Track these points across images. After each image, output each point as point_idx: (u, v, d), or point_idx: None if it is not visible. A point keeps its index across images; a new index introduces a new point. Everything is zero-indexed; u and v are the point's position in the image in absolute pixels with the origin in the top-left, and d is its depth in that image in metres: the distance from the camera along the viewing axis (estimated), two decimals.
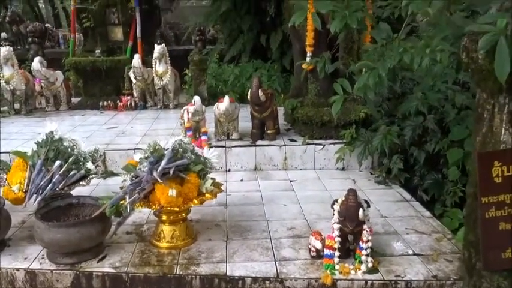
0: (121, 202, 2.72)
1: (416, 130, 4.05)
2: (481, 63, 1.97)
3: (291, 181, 4.18)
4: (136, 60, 6.03)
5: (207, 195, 2.83)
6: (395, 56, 2.31)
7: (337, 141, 4.51)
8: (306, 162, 4.50)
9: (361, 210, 2.51)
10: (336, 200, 2.68)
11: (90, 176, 3.33)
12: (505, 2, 1.99)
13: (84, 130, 5.19)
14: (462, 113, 3.96)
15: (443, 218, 3.64)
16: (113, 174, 3.72)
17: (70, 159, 3.28)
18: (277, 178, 4.26)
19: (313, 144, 4.48)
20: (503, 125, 2.03)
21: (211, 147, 4.39)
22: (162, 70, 6.13)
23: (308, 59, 4.58)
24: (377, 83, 2.30)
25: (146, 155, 2.89)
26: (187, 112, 4.39)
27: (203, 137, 4.40)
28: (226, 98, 4.36)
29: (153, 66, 6.21)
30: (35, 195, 3.03)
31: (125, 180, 2.97)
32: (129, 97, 6.34)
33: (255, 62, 7.38)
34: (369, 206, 2.68)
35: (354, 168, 4.50)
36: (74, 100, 6.81)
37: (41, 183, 3.08)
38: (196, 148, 3.08)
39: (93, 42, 7.86)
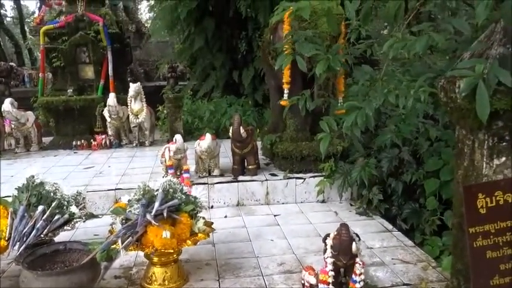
0: (113, 246, 2.68)
1: (393, 162, 4.24)
2: (460, 102, 2.14)
3: (274, 215, 4.23)
4: (112, 99, 6.02)
5: (199, 235, 2.83)
6: (380, 96, 2.46)
7: (316, 174, 4.62)
8: (287, 196, 4.57)
9: (354, 244, 2.58)
10: (328, 235, 2.75)
11: (75, 220, 3.27)
12: (478, 48, 2.19)
13: (60, 171, 5.08)
14: (435, 145, 4.18)
15: (424, 246, 3.78)
16: (93, 216, 3.64)
17: (53, 204, 3.21)
18: (260, 213, 4.30)
19: (294, 178, 4.58)
20: (484, 159, 2.19)
21: (194, 184, 4.43)
22: (137, 108, 6.14)
23: (285, 95, 4.72)
24: (364, 122, 2.43)
25: (137, 197, 2.87)
26: (169, 150, 4.40)
27: (185, 175, 4.40)
28: (208, 136, 4.42)
29: (128, 104, 6.20)
30: (18, 243, 2.94)
31: (113, 224, 2.94)
32: (103, 136, 6.27)
33: (228, 98, 7.51)
34: (360, 239, 2.76)
35: (334, 200, 4.61)
36: (45, 140, 6.66)
37: (24, 230, 2.99)
38: (185, 188, 3.09)
39: (63, 81, 7.78)
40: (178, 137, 4.38)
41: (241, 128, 4.36)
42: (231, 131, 4.44)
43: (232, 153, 4.68)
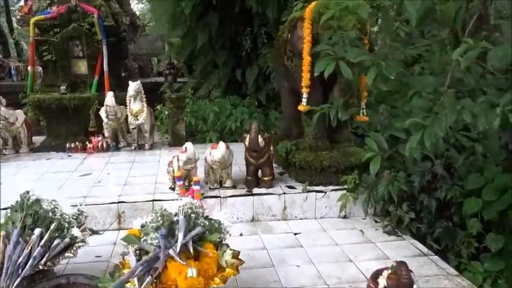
0: (127, 285, 2.26)
1: (425, 176, 3.87)
2: None
3: (295, 234, 3.84)
4: (110, 98, 5.55)
5: (227, 270, 2.43)
6: (451, 113, 2.08)
7: (338, 187, 4.25)
8: (306, 211, 4.19)
9: (415, 286, 2.20)
10: (380, 272, 2.36)
11: (77, 245, 2.84)
12: None
13: (54, 179, 4.60)
14: (471, 159, 3.83)
15: (463, 271, 3.44)
16: (94, 232, 3.21)
17: (52, 226, 2.79)
18: (278, 231, 3.91)
19: (313, 191, 4.19)
20: None
21: (204, 197, 4.02)
22: (137, 108, 5.67)
23: (304, 100, 4.33)
24: (434, 144, 2.04)
25: (154, 224, 2.45)
26: (178, 160, 3.97)
27: (195, 187, 3.98)
28: (222, 145, 4.00)
29: (127, 104, 5.74)
30: (12, 276, 2.51)
31: (125, 254, 2.51)
32: (99, 138, 5.79)
33: (231, 98, 7.08)
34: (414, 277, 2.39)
35: (356, 215, 4.24)
36: (35, 140, 6.14)
37: (20, 260, 2.55)
38: (206, 211, 2.68)
39: (54, 76, 7.27)
40: (189, 146, 3.95)
41: (259, 136, 3.96)
42: (247, 139, 4.03)
43: (246, 163, 4.27)
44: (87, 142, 5.75)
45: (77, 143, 5.73)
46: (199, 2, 6.25)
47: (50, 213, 2.88)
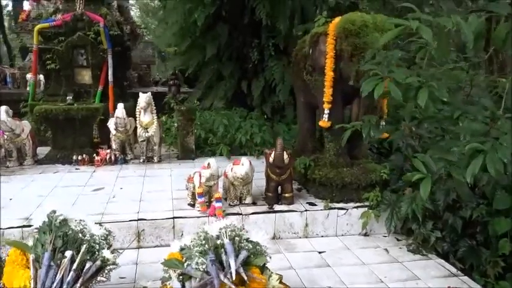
0: None
1: (450, 194, 3.85)
2: None
3: (319, 252, 3.77)
4: (120, 110, 5.43)
5: None
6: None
7: (359, 204, 4.20)
8: (327, 228, 4.13)
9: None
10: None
11: (109, 267, 2.72)
12: None
13: (65, 194, 4.46)
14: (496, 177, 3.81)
15: None
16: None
17: (82, 248, 2.67)
18: (302, 249, 3.84)
19: (335, 208, 4.14)
20: None
21: (227, 215, 3.93)
22: (147, 120, 5.56)
23: (326, 116, 4.29)
24: (498, 170, 2.00)
25: (199, 248, 2.36)
26: (200, 176, 3.88)
27: (217, 204, 3.89)
28: (246, 161, 3.93)
29: (137, 116, 5.62)
30: None
31: (167, 280, 2.41)
32: (108, 150, 5.65)
33: (237, 110, 7.02)
34: None
35: (377, 233, 4.19)
36: (38, 151, 5.97)
37: (54, 286, 2.43)
38: (247, 233, 2.60)
39: (57, 85, 7.17)
40: (212, 162, 3.86)
41: (284, 152, 3.90)
42: (272, 155, 3.96)
43: (267, 179, 4.20)
44: (94, 155, 5.60)
45: (84, 156, 5.59)
46: (211, 14, 6.19)
47: (80, 234, 2.76)
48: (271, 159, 3.96)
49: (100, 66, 7.03)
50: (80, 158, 5.57)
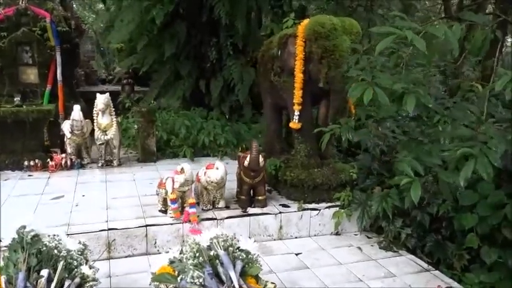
0: None
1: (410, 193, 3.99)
2: None
3: (296, 254, 3.79)
4: (77, 112, 5.13)
5: None
6: (501, 144, 2.15)
7: (330, 204, 4.27)
8: (301, 229, 4.16)
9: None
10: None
11: (88, 284, 2.55)
12: None
13: (22, 203, 4.14)
14: None
15: (460, 283, 3.59)
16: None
17: (60, 265, 2.49)
18: (279, 252, 3.84)
19: (308, 209, 4.17)
20: None
21: (201, 220, 3.84)
22: (106, 123, 5.29)
23: (296, 117, 4.31)
24: (490, 173, 2.09)
25: (192, 261, 2.27)
26: (173, 181, 3.75)
27: (191, 210, 3.78)
28: (221, 165, 3.85)
29: (95, 118, 5.34)
30: None
31: None
32: (63, 154, 5.32)
33: (196, 109, 6.87)
34: None
35: (348, 231, 4.29)
36: None
37: None
38: (239, 241, 2.55)
39: (0, 84, 6.60)
40: (186, 167, 3.74)
41: (260, 156, 3.86)
42: (247, 159, 3.90)
43: (240, 182, 4.14)
44: (48, 159, 5.25)
45: (37, 161, 5.22)
46: (169, 12, 5.99)
47: (55, 251, 2.57)
48: (246, 163, 3.91)
49: (47, 64, 6.58)
50: (32, 163, 5.19)
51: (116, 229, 3.61)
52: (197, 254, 2.29)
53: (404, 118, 4.89)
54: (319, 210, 4.19)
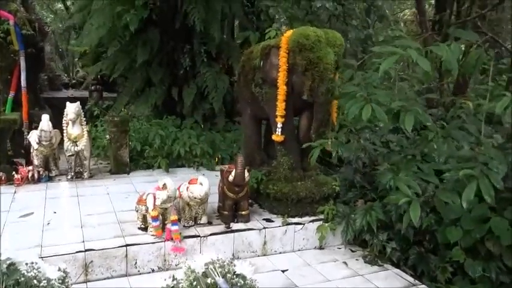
0: None
1: (401, 206, 4.01)
2: None
3: (282, 271, 3.70)
4: (46, 122, 4.84)
5: None
6: (500, 165, 2.15)
7: (314, 218, 4.22)
8: (285, 244, 4.08)
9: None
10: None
11: None
12: None
13: None
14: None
15: None
16: None
17: None
18: (265, 269, 3.73)
19: (292, 224, 4.10)
20: None
21: (184, 238, 3.68)
22: (77, 133, 5.03)
23: (279, 130, 4.24)
24: (491, 193, 2.08)
25: None
26: (154, 198, 3.58)
27: (173, 227, 3.61)
28: (205, 180, 3.72)
29: (64, 128, 5.06)
30: None
31: None
32: (30, 167, 5.00)
33: (169, 118, 6.68)
34: None
35: (331, 245, 4.25)
36: None
37: None
38: (235, 266, 2.43)
39: None
40: (169, 182, 3.57)
41: (245, 171, 3.75)
42: (232, 174, 3.78)
43: (223, 197, 4.02)
44: (13, 172, 4.92)
45: (1, 174, 4.88)
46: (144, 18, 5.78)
47: (34, 281, 2.36)
48: (231, 178, 3.79)
49: (11, 69, 6.24)
50: None
51: (94, 250, 3.40)
52: (194, 283, 2.15)
53: (382, 129, 4.92)
54: (303, 224, 4.13)
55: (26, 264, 2.46)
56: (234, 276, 2.30)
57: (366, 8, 7.78)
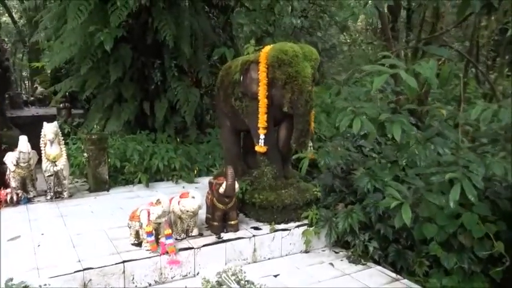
0: None
1: (379, 207, 4.30)
2: None
3: (275, 276, 3.88)
4: (25, 143, 4.79)
5: None
6: (479, 168, 2.44)
7: (299, 223, 4.44)
8: (273, 250, 4.27)
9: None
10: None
11: None
12: None
13: None
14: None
15: None
16: None
17: None
18: (257, 275, 3.84)
19: (279, 230, 4.29)
20: None
21: (179, 250, 3.79)
22: (55, 153, 4.99)
23: (261, 141, 4.43)
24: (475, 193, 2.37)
25: None
26: (148, 213, 3.66)
27: (168, 241, 3.71)
28: (197, 194, 3.84)
29: (42, 149, 5.01)
30: None
31: None
32: (8, 189, 4.91)
33: (143, 133, 6.71)
34: None
35: (315, 248, 4.48)
36: None
37: None
38: (243, 274, 2.59)
39: None
40: (163, 198, 3.67)
41: (236, 182, 3.91)
42: (222, 186, 3.93)
43: (212, 209, 4.15)
44: None
45: None
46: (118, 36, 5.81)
47: None
48: (221, 190, 3.93)
49: None
50: None
51: (92, 268, 3.44)
52: None
53: (353, 135, 5.22)
54: (290, 230, 4.34)
55: (40, 286, 2.51)
56: (246, 282, 2.45)
57: (327, 21, 8.21)
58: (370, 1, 3.11)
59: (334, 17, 8.42)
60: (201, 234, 4.10)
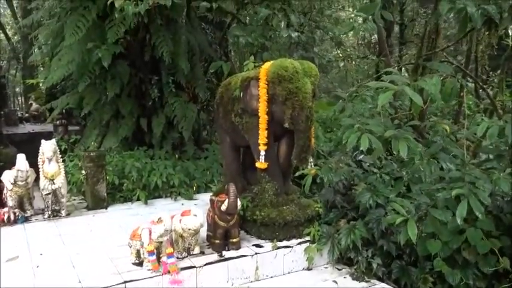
0: None
1: (382, 223, 4.28)
2: None
3: None
4: (23, 161, 4.73)
5: None
6: (485, 184, 2.44)
7: (301, 240, 4.40)
8: (276, 268, 4.22)
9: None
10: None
11: None
12: None
13: None
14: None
15: None
16: None
17: None
18: None
19: (282, 247, 4.25)
20: None
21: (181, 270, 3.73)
22: (54, 171, 4.93)
23: (262, 158, 4.41)
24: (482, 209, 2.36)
25: None
26: (150, 232, 3.61)
27: (170, 260, 3.66)
28: (199, 212, 3.80)
29: (40, 166, 4.95)
30: None
31: None
32: (5, 209, 4.83)
33: (141, 149, 6.67)
34: None
35: (317, 265, 4.43)
36: None
37: None
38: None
39: None
40: (165, 217, 3.63)
41: (238, 199, 3.88)
42: (225, 203, 3.89)
43: (214, 227, 4.10)
44: None
45: None
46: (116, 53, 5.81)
47: None
48: (223, 207, 3.90)
49: None
50: None
51: None
52: None
53: (355, 151, 5.22)
54: (292, 247, 4.29)
55: None
56: None
57: (320, 36, 8.29)
58: (370, 16, 3.12)
59: (328, 32, 8.52)
60: (202, 253, 4.05)
